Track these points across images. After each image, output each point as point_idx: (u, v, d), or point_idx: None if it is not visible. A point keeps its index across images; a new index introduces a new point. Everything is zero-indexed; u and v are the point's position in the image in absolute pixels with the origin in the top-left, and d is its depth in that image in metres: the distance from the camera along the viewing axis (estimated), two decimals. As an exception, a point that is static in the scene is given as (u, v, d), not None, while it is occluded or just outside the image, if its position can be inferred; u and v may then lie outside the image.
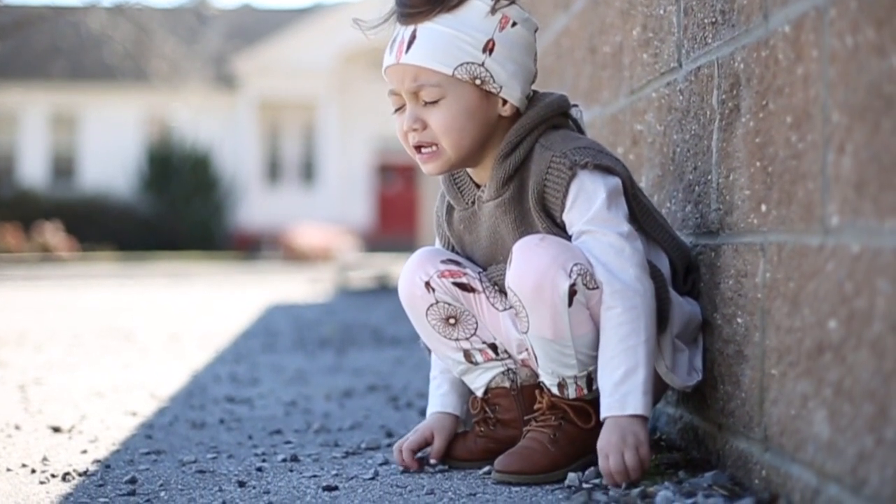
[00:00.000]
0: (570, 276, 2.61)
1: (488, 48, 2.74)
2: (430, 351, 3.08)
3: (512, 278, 2.68)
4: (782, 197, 2.30)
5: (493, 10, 2.75)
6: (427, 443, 2.96)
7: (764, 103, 2.39)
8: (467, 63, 2.73)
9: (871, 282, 1.89)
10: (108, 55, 31.81)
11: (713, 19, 2.73)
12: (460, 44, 2.73)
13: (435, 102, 2.76)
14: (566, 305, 2.63)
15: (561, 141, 2.76)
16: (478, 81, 2.75)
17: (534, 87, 2.90)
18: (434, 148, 2.80)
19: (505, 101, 2.79)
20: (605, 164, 2.70)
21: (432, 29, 2.74)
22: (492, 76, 2.75)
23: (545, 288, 2.63)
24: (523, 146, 2.78)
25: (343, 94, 33.73)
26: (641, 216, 2.76)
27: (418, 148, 2.81)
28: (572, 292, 2.62)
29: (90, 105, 33.88)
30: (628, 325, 2.62)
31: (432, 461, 2.95)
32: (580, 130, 2.88)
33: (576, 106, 2.90)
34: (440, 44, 2.73)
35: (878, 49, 1.87)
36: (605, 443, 2.61)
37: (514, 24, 2.78)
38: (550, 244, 2.65)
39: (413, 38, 2.74)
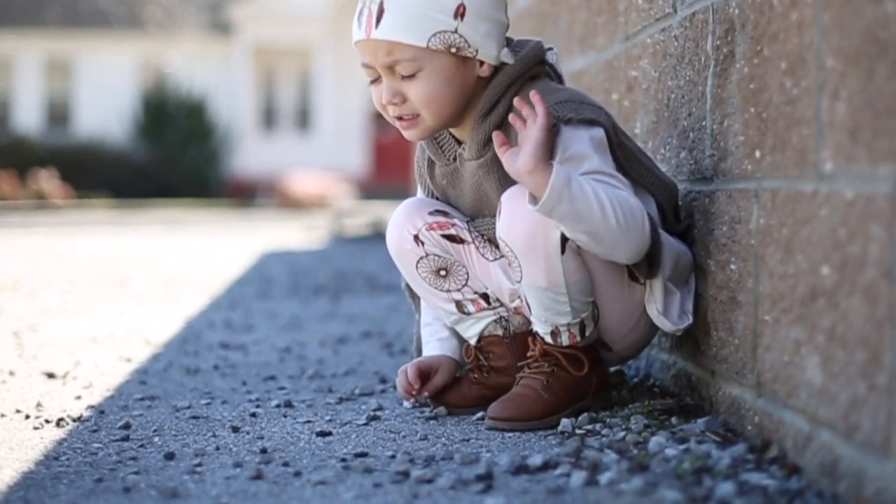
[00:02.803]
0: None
1: (459, 13, 2.69)
2: (415, 298, 3.09)
3: (503, 229, 2.67)
4: (776, 143, 2.29)
5: None
6: (431, 372, 2.97)
7: (758, 49, 2.39)
8: (440, 32, 2.69)
9: (864, 228, 1.89)
10: (102, 1, 31.71)
11: (708, -36, 2.72)
12: (431, 13, 2.68)
13: (412, 76, 2.73)
14: (559, 253, 2.63)
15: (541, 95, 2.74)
16: (453, 49, 2.71)
17: (536, 31, 2.87)
18: (414, 117, 2.79)
19: (482, 63, 2.76)
20: (588, 117, 2.68)
21: (399, 1, 2.69)
22: (466, 41, 2.71)
23: (537, 237, 2.62)
24: (502, 104, 2.75)
25: (338, 41, 33.57)
26: (626, 162, 2.74)
27: (398, 117, 2.80)
28: (564, 240, 2.62)
29: (84, 51, 33.72)
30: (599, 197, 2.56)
31: (425, 394, 2.94)
32: (557, 75, 2.86)
33: (550, 49, 2.86)
34: (410, 15, 2.68)
35: (874, -6, 1.86)
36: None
37: None
38: None
39: (381, 10, 2.69)
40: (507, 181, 2.72)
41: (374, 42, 2.71)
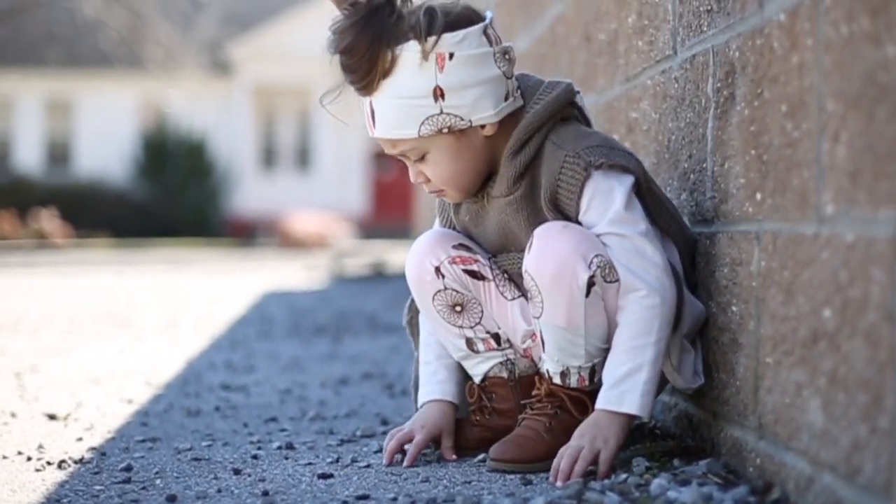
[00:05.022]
0: (589, 268, 2.62)
1: (438, 95, 2.69)
2: (415, 336, 3.10)
3: (531, 262, 2.68)
4: (777, 185, 2.30)
5: (425, 58, 2.67)
6: (434, 440, 2.95)
7: (759, 91, 2.40)
8: (428, 119, 2.70)
9: (865, 271, 1.89)
10: (103, 41, 31.80)
11: (708, 7, 2.73)
12: (413, 103, 2.69)
13: (422, 159, 2.78)
14: (584, 296, 2.63)
15: (573, 139, 2.74)
16: (445, 130, 2.72)
17: (536, 73, 2.88)
18: (441, 190, 2.84)
19: (483, 125, 2.77)
20: (620, 164, 2.69)
21: (382, 101, 2.72)
22: (456, 117, 2.71)
23: (565, 276, 2.63)
24: (533, 143, 2.75)
25: (338, 80, 33.59)
26: (655, 209, 2.75)
27: (431, 191, 2.86)
28: (590, 283, 2.62)
29: (85, 91, 33.80)
30: (642, 324, 2.63)
31: (452, 458, 2.92)
32: (584, 117, 2.87)
33: (578, 92, 2.87)
34: (396, 111, 2.71)
35: (873, 38, 1.87)
36: (568, 445, 2.65)
37: (451, 55, 2.68)
38: (573, 232, 2.65)
39: (372, 111, 2.75)
40: (535, 219, 2.73)
41: (379, 138, 2.77)
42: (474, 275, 2.93)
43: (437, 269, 2.93)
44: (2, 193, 28.73)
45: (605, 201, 2.67)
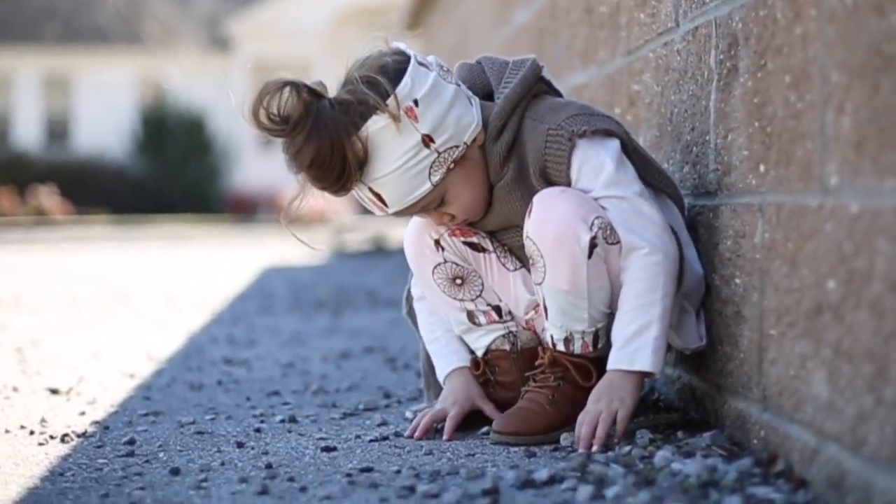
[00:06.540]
0: (591, 229, 2.62)
1: (428, 142, 2.66)
2: (415, 322, 3.09)
3: (532, 228, 2.67)
4: (781, 157, 2.29)
5: (397, 119, 2.63)
6: (467, 414, 2.93)
7: (762, 63, 2.39)
8: (432, 166, 2.68)
9: (870, 242, 1.89)
10: (101, 17, 31.74)
11: (711, -21, 2.72)
12: (412, 167, 2.67)
13: (441, 203, 2.76)
14: (586, 257, 2.63)
15: (550, 112, 2.74)
16: (451, 165, 2.71)
17: (536, 47, 2.87)
18: (465, 220, 2.85)
19: (475, 138, 2.75)
20: (602, 128, 2.69)
21: (379, 182, 2.68)
22: (452, 147, 2.69)
23: (567, 238, 2.62)
24: (511, 125, 2.75)
25: (337, 56, 33.55)
26: (643, 168, 2.75)
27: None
28: (593, 245, 2.63)
29: (84, 68, 33.71)
30: (647, 281, 2.64)
31: (496, 416, 2.88)
32: (555, 89, 2.86)
33: (543, 66, 2.85)
34: (400, 183, 2.68)
35: (877, 8, 1.87)
36: (586, 411, 2.66)
37: (416, 102, 2.64)
38: (572, 195, 2.65)
39: (377, 195, 2.71)
40: (529, 198, 2.73)
41: (398, 212, 2.76)
42: (474, 247, 2.93)
43: (437, 242, 2.93)
44: (1, 170, 28.70)
45: (595, 167, 2.67)
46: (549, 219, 2.65)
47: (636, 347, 2.63)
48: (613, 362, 2.66)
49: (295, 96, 2.64)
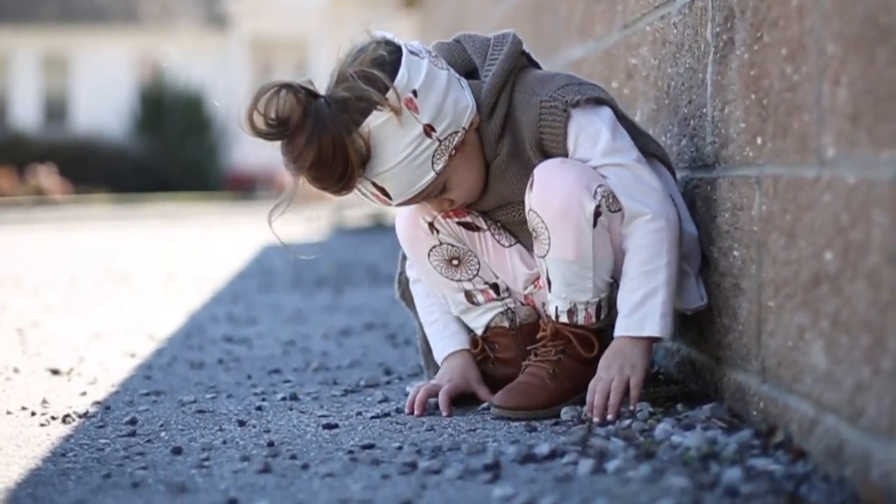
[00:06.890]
0: (595, 198, 2.63)
1: (429, 132, 2.66)
2: (411, 305, 3.09)
3: (535, 199, 2.68)
4: (777, 129, 2.29)
5: (398, 112, 2.62)
6: (462, 392, 2.93)
7: (758, 35, 2.39)
8: (434, 154, 2.68)
9: (867, 213, 1.89)
10: (98, -4, 31.63)
11: (707, -49, 2.71)
12: (415, 158, 2.67)
13: (443, 189, 2.77)
14: (591, 226, 2.64)
15: (540, 84, 2.75)
16: (453, 152, 2.70)
17: (533, 22, 2.87)
18: (464, 202, 2.85)
19: (471, 122, 2.74)
20: (594, 97, 2.70)
21: (383, 177, 2.68)
22: (452, 134, 2.69)
23: (571, 208, 2.63)
24: (502, 101, 2.75)
25: (335, 32, 33.50)
26: (633, 134, 2.77)
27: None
28: (597, 213, 2.63)
29: (81, 47, 33.66)
30: (651, 247, 2.65)
31: (492, 399, 2.86)
32: (534, 62, 2.87)
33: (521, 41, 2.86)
34: (405, 175, 2.68)
35: (873, -21, 1.87)
36: (597, 378, 2.67)
37: (414, 93, 2.64)
38: (573, 165, 2.66)
39: (380, 188, 2.70)
40: (526, 172, 2.73)
41: (403, 202, 2.77)
42: (468, 226, 2.93)
43: (431, 224, 2.92)
44: (-1, 150, 28.67)
45: (592, 136, 2.69)
46: (552, 190, 2.65)
47: (644, 313, 2.64)
48: (621, 329, 2.67)
49: (292, 98, 2.61)
